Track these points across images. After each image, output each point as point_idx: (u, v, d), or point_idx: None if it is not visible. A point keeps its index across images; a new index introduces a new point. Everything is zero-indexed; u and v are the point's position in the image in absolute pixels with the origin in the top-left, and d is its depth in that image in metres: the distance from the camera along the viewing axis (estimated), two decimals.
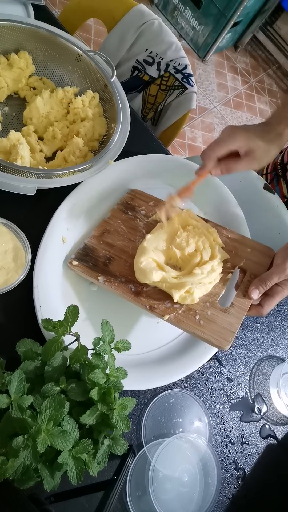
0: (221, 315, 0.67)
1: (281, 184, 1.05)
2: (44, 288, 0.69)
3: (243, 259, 0.74)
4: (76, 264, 0.72)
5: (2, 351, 0.63)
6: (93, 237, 0.77)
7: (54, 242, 0.74)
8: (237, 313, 0.67)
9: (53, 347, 0.57)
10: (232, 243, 0.76)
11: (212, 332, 0.65)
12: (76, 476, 0.52)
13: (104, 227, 0.78)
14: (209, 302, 0.68)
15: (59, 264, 0.73)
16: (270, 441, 0.76)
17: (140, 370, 0.69)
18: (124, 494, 0.63)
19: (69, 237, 0.76)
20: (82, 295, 0.74)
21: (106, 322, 0.60)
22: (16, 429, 0.50)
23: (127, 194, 0.84)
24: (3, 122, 0.87)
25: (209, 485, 0.67)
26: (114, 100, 0.88)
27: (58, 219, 0.76)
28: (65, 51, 0.91)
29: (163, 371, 0.70)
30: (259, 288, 0.67)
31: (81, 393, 0.56)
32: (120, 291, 0.69)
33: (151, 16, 1.16)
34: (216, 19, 2.52)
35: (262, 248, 0.76)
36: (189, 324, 0.66)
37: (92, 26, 2.48)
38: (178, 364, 0.71)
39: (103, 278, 0.70)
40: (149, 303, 0.68)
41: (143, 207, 0.82)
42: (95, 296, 0.74)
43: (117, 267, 0.72)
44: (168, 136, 1.30)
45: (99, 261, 0.73)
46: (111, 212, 0.81)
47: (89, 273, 0.71)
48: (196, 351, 0.72)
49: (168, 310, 0.67)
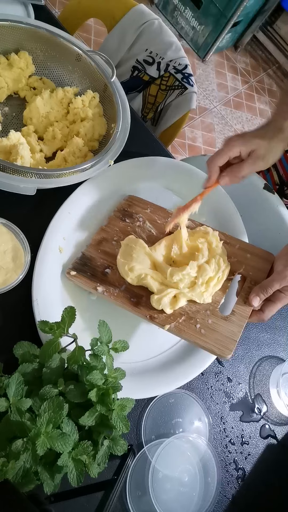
0: (222, 323, 0.66)
1: (271, 171, 1.05)
2: (44, 301, 0.68)
3: (243, 265, 0.73)
4: (74, 275, 0.71)
5: (0, 354, 0.63)
6: (91, 246, 0.75)
7: (51, 252, 0.72)
8: (238, 321, 0.66)
9: (50, 349, 0.57)
10: (231, 249, 0.75)
11: (213, 341, 0.64)
12: (76, 478, 0.51)
13: (101, 235, 0.77)
14: (209, 310, 0.67)
15: (57, 275, 0.72)
16: (270, 441, 0.76)
17: (142, 378, 0.68)
18: (124, 494, 0.63)
19: (66, 246, 0.75)
20: (83, 305, 0.72)
21: (103, 323, 0.59)
22: (16, 432, 0.50)
23: (124, 200, 0.82)
24: (3, 122, 0.87)
25: (209, 485, 0.67)
26: (114, 100, 0.88)
27: (54, 228, 0.74)
28: (65, 51, 0.91)
29: (165, 377, 0.69)
30: (260, 296, 0.66)
31: (80, 395, 0.55)
32: (120, 301, 0.68)
33: (151, 16, 1.16)
34: (216, 19, 2.52)
35: (262, 253, 0.74)
36: (190, 333, 0.65)
37: (92, 26, 2.48)
38: (180, 369, 0.70)
39: (102, 288, 0.69)
40: (149, 313, 0.67)
41: (141, 214, 0.80)
42: (95, 305, 0.73)
43: (115, 276, 0.71)
44: (168, 136, 1.30)
45: (97, 271, 0.72)
46: (108, 219, 0.79)
47: (87, 284, 0.70)
48: (198, 356, 0.71)
49: (168, 320, 0.66)
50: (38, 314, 0.66)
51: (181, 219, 0.72)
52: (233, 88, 2.80)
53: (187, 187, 0.80)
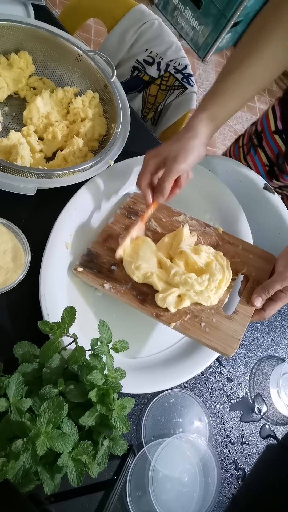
0: (225, 322, 0.67)
1: (259, 153, 1.05)
2: (51, 296, 0.68)
3: (246, 266, 0.74)
4: (81, 271, 0.71)
5: (0, 354, 0.63)
6: (97, 242, 0.76)
7: (58, 249, 0.73)
8: (241, 320, 0.67)
9: (50, 349, 0.57)
10: (235, 249, 0.76)
11: (217, 339, 0.65)
12: (77, 478, 0.51)
13: (107, 232, 0.77)
14: (213, 309, 0.69)
15: (64, 271, 0.73)
16: (270, 441, 0.76)
17: (147, 373, 0.69)
18: (124, 494, 0.63)
19: (72, 242, 0.76)
20: (89, 301, 0.73)
21: (103, 323, 0.59)
22: (15, 432, 0.50)
23: (129, 198, 0.83)
24: (3, 122, 0.87)
25: (209, 485, 0.67)
26: (114, 100, 0.88)
27: (61, 224, 0.75)
28: (65, 51, 0.91)
29: (169, 373, 0.70)
30: (262, 296, 0.67)
31: (80, 395, 0.55)
32: (126, 298, 0.69)
33: (151, 16, 1.16)
34: (216, 19, 2.52)
35: (264, 254, 0.76)
36: (195, 331, 0.66)
37: (92, 26, 2.48)
38: (184, 365, 0.71)
39: (109, 285, 0.70)
40: (155, 310, 0.67)
41: None
42: (101, 301, 0.74)
43: (121, 273, 0.72)
44: (168, 136, 1.30)
45: (104, 268, 0.72)
46: (114, 217, 0.80)
47: (94, 280, 0.71)
48: (202, 353, 0.72)
49: (174, 318, 0.67)
50: (45, 308, 0.66)
51: (124, 244, 0.72)
52: None
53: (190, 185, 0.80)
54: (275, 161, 1.02)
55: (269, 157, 1.02)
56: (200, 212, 0.87)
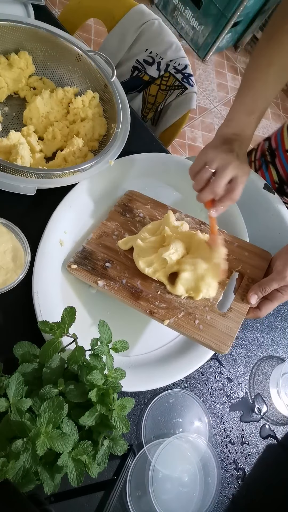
0: (220, 319, 0.67)
1: (270, 170, 1.05)
2: (44, 292, 0.68)
3: (241, 263, 0.74)
4: (75, 268, 0.72)
5: (0, 354, 0.63)
6: (92, 239, 0.76)
7: (52, 245, 0.73)
8: (236, 318, 0.67)
9: (50, 349, 0.57)
10: (230, 247, 0.76)
11: (211, 336, 0.65)
12: (77, 478, 0.51)
13: (102, 230, 0.78)
14: (208, 306, 0.69)
15: (58, 267, 0.73)
16: (270, 441, 0.76)
17: (141, 371, 0.69)
18: (124, 494, 0.63)
19: (67, 239, 0.76)
20: (83, 298, 0.73)
21: (103, 323, 0.59)
22: (15, 432, 0.50)
23: (124, 195, 0.83)
24: (3, 122, 0.87)
25: (209, 485, 0.67)
26: (114, 100, 0.88)
27: (55, 221, 0.75)
28: (65, 51, 0.91)
29: (165, 371, 0.70)
30: (258, 294, 0.67)
31: (80, 395, 0.55)
32: (120, 295, 0.69)
33: (151, 16, 1.16)
34: (216, 19, 2.52)
35: (259, 252, 0.76)
36: (188, 328, 0.66)
37: (92, 26, 2.48)
38: (179, 363, 0.71)
39: (103, 282, 0.70)
40: (148, 307, 0.67)
41: (141, 209, 0.81)
42: (95, 298, 0.74)
43: (116, 270, 0.72)
44: (168, 136, 1.30)
45: (98, 265, 0.73)
46: (109, 214, 0.80)
47: (88, 277, 0.71)
48: (197, 350, 0.72)
49: (168, 315, 0.67)
50: (38, 305, 0.66)
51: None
52: (233, 88, 2.80)
53: (187, 183, 0.80)
54: (286, 180, 1.02)
55: (281, 175, 1.03)
56: (196, 211, 0.87)
